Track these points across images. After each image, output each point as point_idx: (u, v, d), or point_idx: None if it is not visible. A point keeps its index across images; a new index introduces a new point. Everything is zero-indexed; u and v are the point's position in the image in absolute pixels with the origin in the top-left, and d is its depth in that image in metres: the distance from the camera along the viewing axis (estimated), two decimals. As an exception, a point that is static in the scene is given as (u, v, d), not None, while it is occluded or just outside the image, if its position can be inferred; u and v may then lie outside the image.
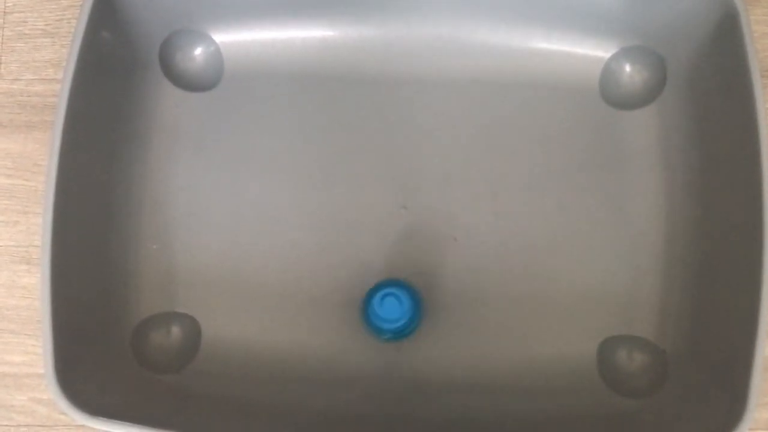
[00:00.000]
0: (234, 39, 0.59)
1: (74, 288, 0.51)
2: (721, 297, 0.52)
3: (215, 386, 0.54)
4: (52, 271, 0.48)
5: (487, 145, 0.58)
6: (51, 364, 0.47)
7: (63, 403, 0.46)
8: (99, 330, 0.53)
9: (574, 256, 0.56)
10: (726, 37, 0.52)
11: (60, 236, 0.49)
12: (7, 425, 0.56)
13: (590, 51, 0.58)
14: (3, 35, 0.61)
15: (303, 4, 0.57)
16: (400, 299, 0.51)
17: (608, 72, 0.58)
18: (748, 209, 0.49)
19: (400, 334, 0.54)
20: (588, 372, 0.54)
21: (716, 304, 0.52)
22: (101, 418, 0.46)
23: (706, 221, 0.54)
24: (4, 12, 0.61)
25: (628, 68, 0.58)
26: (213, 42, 0.59)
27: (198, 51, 0.59)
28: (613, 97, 0.58)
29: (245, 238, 0.56)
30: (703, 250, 0.54)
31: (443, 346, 0.55)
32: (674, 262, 0.55)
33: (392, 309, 0.51)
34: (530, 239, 0.56)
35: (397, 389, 0.54)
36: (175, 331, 0.56)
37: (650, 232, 0.56)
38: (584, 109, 0.58)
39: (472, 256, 0.56)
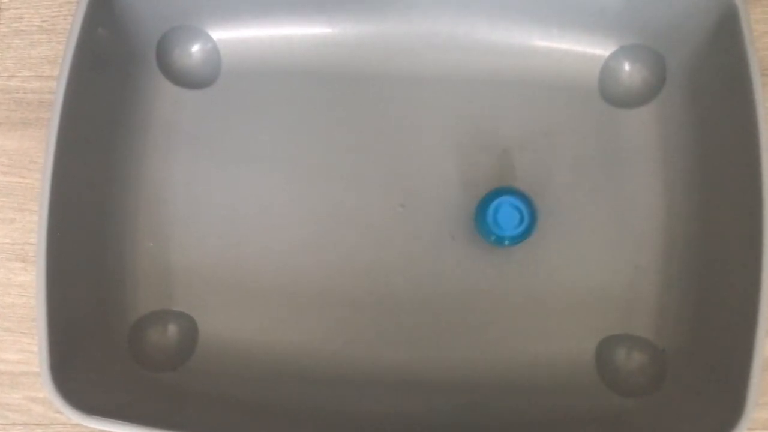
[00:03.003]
0: (231, 36, 0.58)
1: (70, 286, 0.50)
2: (721, 296, 0.51)
3: (212, 384, 0.54)
4: (47, 269, 0.48)
5: (485, 144, 0.57)
6: (46, 362, 0.47)
7: (58, 402, 0.46)
8: (95, 328, 0.53)
9: (573, 255, 0.56)
10: (726, 36, 0.51)
11: (56, 234, 0.48)
12: (2, 424, 0.56)
13: (589, 49, 0.58)
14: (-1, 32, 0.60)
15: (301, 1, 0.57)
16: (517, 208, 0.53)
17: (607, 70, 0.58)
18: (747, 207, 0.48)
19: (518, 239, 0.54)
20: (587, 371, 0.54)
21: (715, 304, 0.52)
22: (97, 416, 0.46)
23: (705, 220, 0.54)
24: (0, 9, 0.61)
25: (627, 67, 0.58)
26: (210, 39, 0.58)
27: (195, 48, 0.58)
28: (612, 95, 0.58)
29: (242, 235, 0.56)
30: (702, 248, 0.54)
31: (441, 344, 0.55)
32: (673, 260, 0.55)
33: (510, 218, 0.53)
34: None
35: (394, 388, 0.54)
36: (172, 329, 0.55)
37: (649, 231, 0.56)
38: (583, 107, 0.58)
39: (469, 255, 0.56)
